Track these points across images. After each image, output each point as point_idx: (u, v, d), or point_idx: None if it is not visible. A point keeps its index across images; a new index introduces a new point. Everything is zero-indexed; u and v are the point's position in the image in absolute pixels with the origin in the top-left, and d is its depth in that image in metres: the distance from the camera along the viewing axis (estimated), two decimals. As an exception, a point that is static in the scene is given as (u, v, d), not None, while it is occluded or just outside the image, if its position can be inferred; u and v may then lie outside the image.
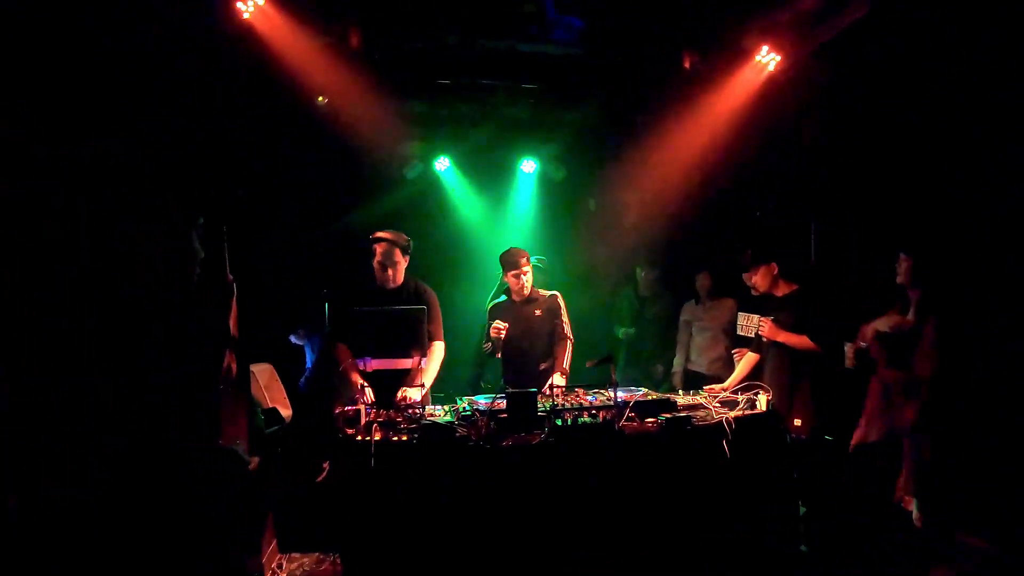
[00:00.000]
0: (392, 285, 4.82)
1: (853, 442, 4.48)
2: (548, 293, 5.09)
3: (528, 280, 4.97)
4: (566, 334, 4.98)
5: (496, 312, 5.06)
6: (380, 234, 4.80)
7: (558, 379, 4.68)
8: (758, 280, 5.15)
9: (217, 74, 5.15)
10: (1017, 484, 4.44)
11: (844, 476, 4.84)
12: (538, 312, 5.01)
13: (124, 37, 4.63)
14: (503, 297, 5.19)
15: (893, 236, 4.95)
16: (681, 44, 5.79)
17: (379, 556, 3.57)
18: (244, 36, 5.13)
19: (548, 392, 4.44)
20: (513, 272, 4.94)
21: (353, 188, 7.25)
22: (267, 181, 6.15)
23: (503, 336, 4.87)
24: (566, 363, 4.88)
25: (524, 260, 4.95)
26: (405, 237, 4.86)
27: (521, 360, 5.01)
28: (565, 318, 5.02)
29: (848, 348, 4.55)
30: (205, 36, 5.02)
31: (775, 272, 5.10)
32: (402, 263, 4.83)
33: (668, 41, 5.74)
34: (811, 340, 4.81)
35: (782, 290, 5.10)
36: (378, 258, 4.77)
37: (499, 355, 5.04)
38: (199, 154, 4.98)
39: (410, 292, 4.86)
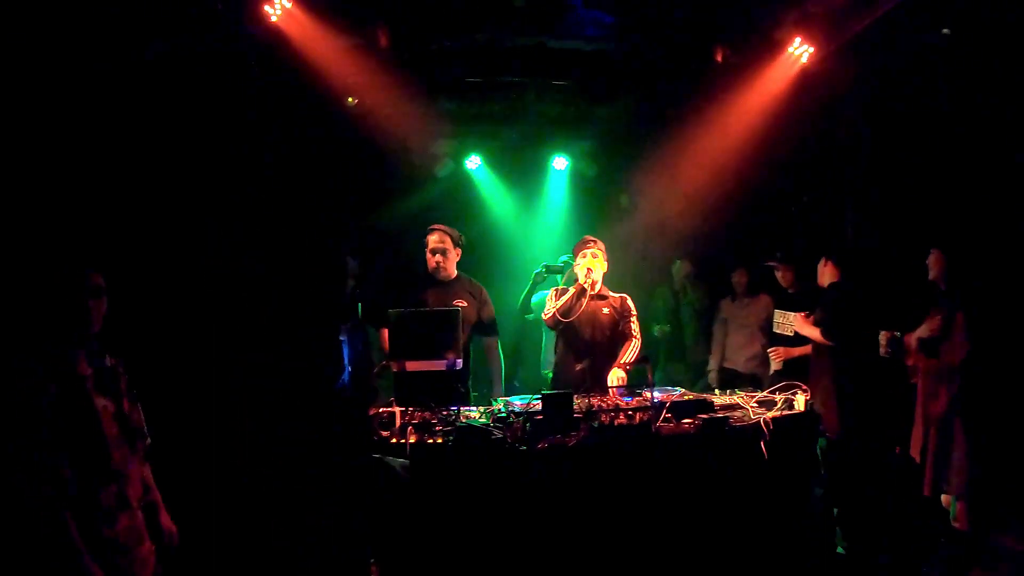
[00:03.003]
0: (444, 275, 4.93)
1: (914, 449, 4.38)
2: (618, 295, 4.89)
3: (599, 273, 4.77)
4: (633, 333, 4.81)
5: (558, 293, 4.84)
6: (433, 226, 4.98)
7: (620, 373, 4.58)
8: (820, 272, 5.12)
9: (248, 79, 5.20)
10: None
11: (883, 477, 4.77)
12: (606, 310, 4.82)
13: (157, 44, 4.69)
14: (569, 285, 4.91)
15: (929, 230, 4.86)
16: (713, 37, 5.70)
17: (415, 558, 3.57)
18: (273, 39, 5.16)
19: (612, 386, 4.44)
20: (583, 252, 4.77)
21: (384, 188, 7.26)
22: (299, 181, 6.17)
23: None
24: (626, 358, 4.69)
25: (597, 246, 4.80)
26: (457, 232, 5.03)
27: (584, 350, 4.80)
28: (635, 323, 4.88)
29: (882, 336, 4.48)
30: (235, 41, 5.06)
31: (825, 264, 5.09)
32: (453, 254, 4.96)
33: (699, 34, 5.66)
34: (822, 335, 4.82)
35: (827, 283, 5.07)
36: (431, 246, 4.91)
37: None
38: (229, 156, 5.04)
39: (464, 286, 5.00)
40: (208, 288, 4.63)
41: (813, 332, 4.90)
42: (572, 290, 4.70)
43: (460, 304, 4.75)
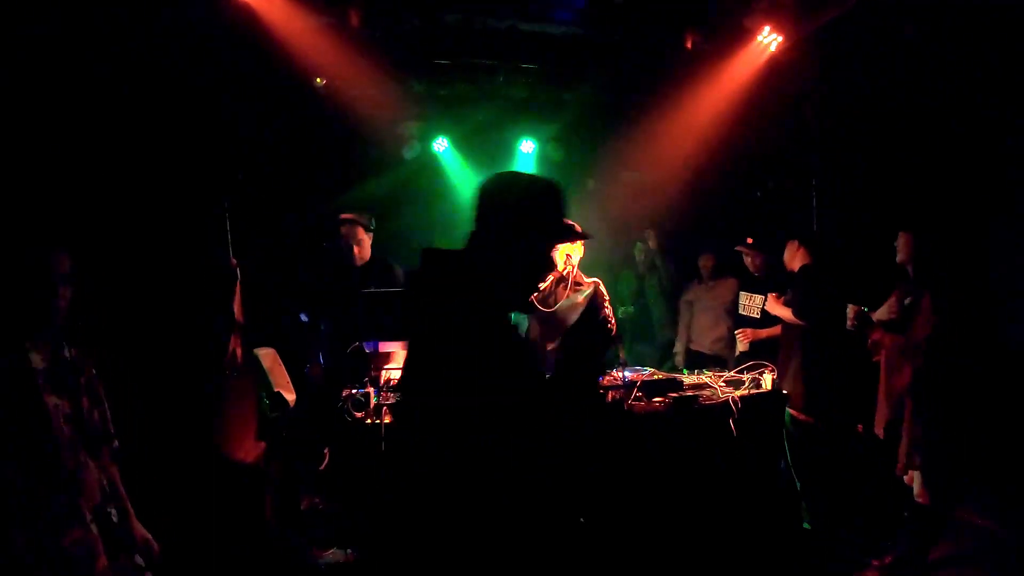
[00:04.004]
0: (359, 262, 5.06)
1: (879, 426, 4.48)
2: (591, 280, 4.78)
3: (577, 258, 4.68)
4: (608, 319, 4.84)
5: None
6: (344, 216, 5.06)
7: None
8: (785, 255, 5.19)
9: (216, 56, 5.11)
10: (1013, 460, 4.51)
11: (848, 453, 4.89)
12: (580, 298, 4.73)
13: (122, 20, 4.58)
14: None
15: (893, 215, 4.98)
16: (683, 24, 5.75)
17: (393, 539, 3.58)
18: (243, 17, 5.08)
19: None
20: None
21: (351, 169, 7.21)
22: (266, 163, 6.11)
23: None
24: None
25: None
26: (367, 217, 5.11)
27: (557, 333, 4.60)
28: (608, 308, 4.91)
29: (850, 309, 4.58)
30: (204, 18, 4.97)
31: (796, 247, 5.17)
32: (366, 240, 5.09)
33: (670, 21, 5.71)
34: (794, 315, 4.90)
35: (798, 265, 5.15)
36: (343, 240, 5.03)
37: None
38: (198, 137, 4.95)
39: (378, 268, 5.08)
40: (186, 276, 4.55)
41: (785, 312, 4.98)
42: (550, 277, 4.70)
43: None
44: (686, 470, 3.91)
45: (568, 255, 4.67)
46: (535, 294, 4.58)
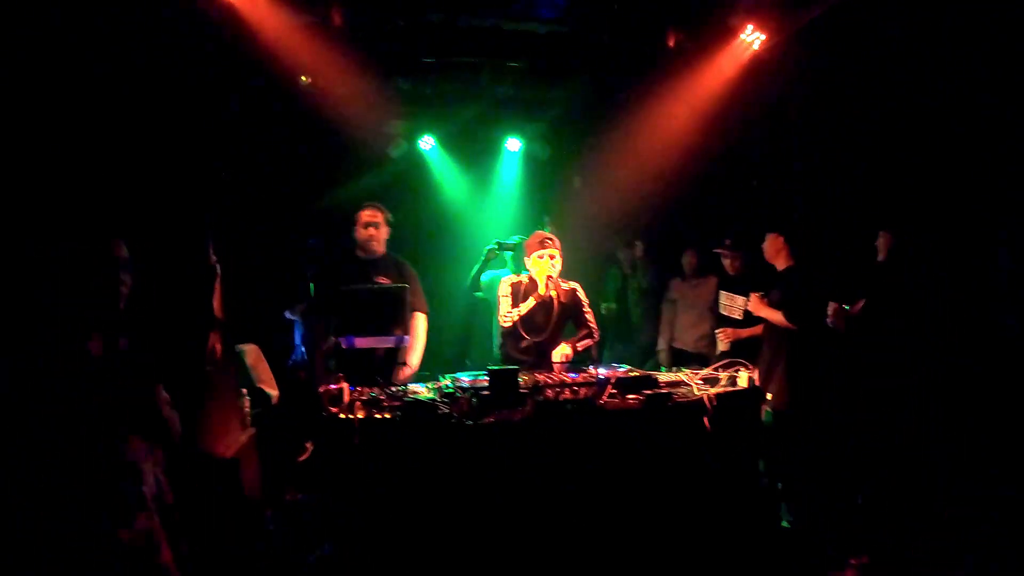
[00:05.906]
0: (372, 249, 4.98)
1: None
2: (569, 285, 4.84)
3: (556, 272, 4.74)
4: (590, 323, 4.83)
5: (515, 290, 4.79)
6: (367, 203, 5.06)
7: (566, 350, 4.64)
8: (766, 247, 5.18)
9: (199, 55, 5.11)
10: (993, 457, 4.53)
11: (826, 451, 4.91)
12: (556, 307, 4.76)
13: (100, 19, 4.58)
14: (518, 277, 4.90)
15: (875, 213, 4.99)
16: (667, 22, 5.77)
17: (366, 533, 3.60)
18: (225, 16, 5.08)
19: (557, 362, 4.54)
20: (539, 254, 4.70)
21: (337, 168, 7.22)
22: (250, 161, 6.11)
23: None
24: (580, 345, 4.76)
25: (554, 245, 4.73)
26: (387, 211, 5.08)
27: (539, 345, 4.77)
28: (588, 312, 4.88)
29: (830, 307, 4.59)
30: (185, 16, 4.97)
31: (780, 243, 5.15)
32: (384, 230, 5.02)
33: (654, 19, 5.73)
34: (786, 318, 4.89)
35: (783, 264, 5.13)
36: (364, 220, 4.96)
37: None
38: (180, 136, 4.95)
39: (390, 263, 5.03)
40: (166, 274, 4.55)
41: (773, 314, 4.96)
42: (532, 300, 4.68)
43: (383, 282, 4.81)
44: (660, 467, 3.92)
45: (549, 276, 4.66)
46: (516, 318, 4.61)
